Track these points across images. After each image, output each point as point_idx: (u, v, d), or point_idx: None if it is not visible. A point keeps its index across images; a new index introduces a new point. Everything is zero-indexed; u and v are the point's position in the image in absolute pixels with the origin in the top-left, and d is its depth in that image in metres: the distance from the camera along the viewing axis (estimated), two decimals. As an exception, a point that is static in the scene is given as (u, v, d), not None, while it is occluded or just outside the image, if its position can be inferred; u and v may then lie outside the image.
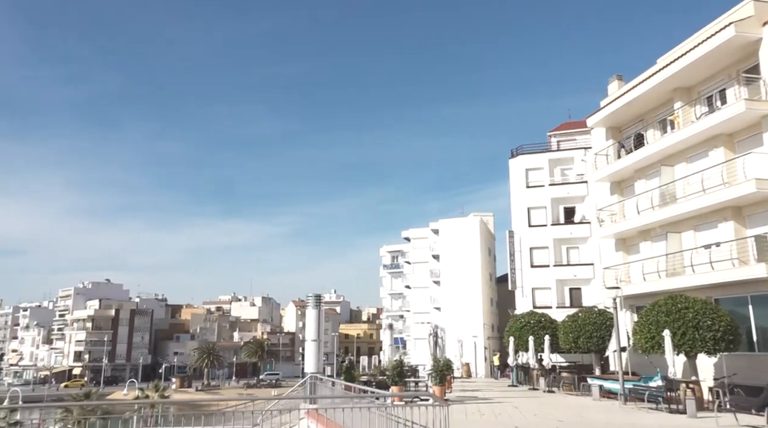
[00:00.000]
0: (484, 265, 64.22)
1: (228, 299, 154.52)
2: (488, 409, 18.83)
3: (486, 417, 16.82)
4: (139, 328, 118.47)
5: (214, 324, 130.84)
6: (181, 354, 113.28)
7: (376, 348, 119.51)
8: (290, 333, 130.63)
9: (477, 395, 24.77)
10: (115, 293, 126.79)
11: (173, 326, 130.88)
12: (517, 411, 18.56)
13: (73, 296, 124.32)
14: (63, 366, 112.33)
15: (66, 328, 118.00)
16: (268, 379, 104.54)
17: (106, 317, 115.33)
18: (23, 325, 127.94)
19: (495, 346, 60.11)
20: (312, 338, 19.73)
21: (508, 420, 16.20)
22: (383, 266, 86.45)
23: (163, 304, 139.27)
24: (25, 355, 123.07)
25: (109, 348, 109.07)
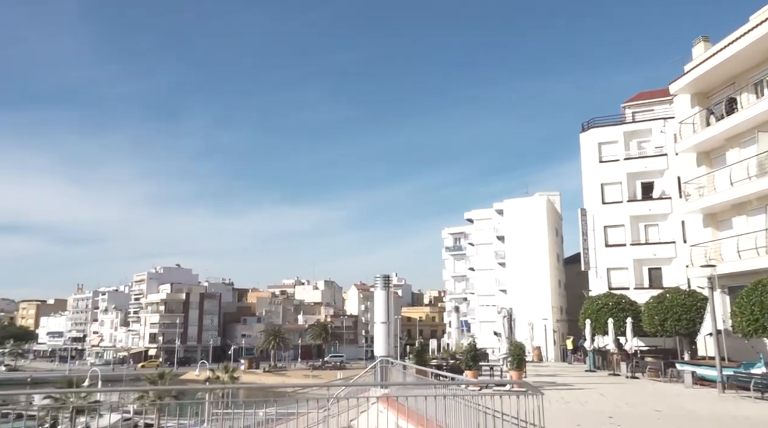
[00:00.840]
0: (551, 246, 61.89)
1: (291, 282, 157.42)
2: (571, 397, 17.52)
3: (572, 406, 15.55)
4: (208, 311, 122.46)
5: (278, 307, 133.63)
6: (249, 336, 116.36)
7: (438, 331, 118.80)
8: (353, 316, 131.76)
9: (555, 381, 23.41)
10: (185, 277, 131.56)
11: (240, 309, 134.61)
12: (604, 399, 17.17)
13: (146, 281, 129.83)
14: (139, 347, 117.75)
15: (141, 311, 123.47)
16: (333, 361, 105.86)
17: (177, 300, 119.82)
18: (102, 308, 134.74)
19: (564, 329, 57.97)
20: (381, 320, 18.95)
21: (598, 410, 14.88)
22: (445, 249, 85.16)
23: (230, 288, 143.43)
24: (105, 337, 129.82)
25: (181, 330, 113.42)
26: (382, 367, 18.03)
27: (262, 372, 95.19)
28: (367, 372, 19.89)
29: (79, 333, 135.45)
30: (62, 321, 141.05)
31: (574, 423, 12.29)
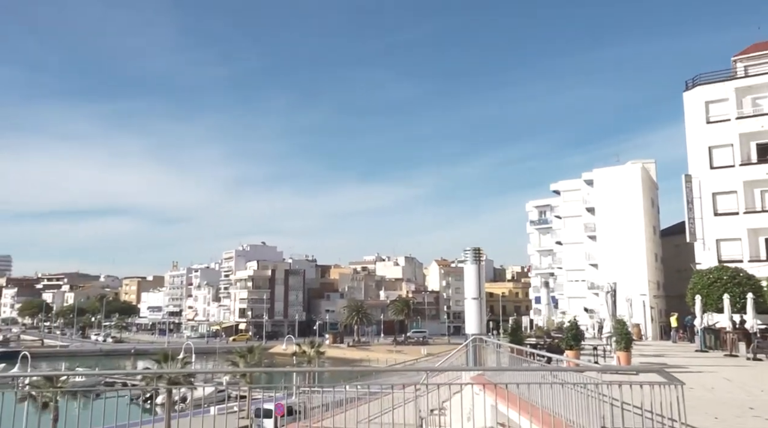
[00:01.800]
0: (647, 217, 57.72)
1: (372, 259, 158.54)
2: (693, 381, 15.49)
3: (698, 392, 13.62)
4: (293, 287, 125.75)
5: (360, 283, 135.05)
6: (332, 312, 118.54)
7: (522, 307, 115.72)
8: (434, 292, 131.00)
9: (664, 362, 21.19)
10: (270, 255, 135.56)
11: (323, 285, 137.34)
12: (732, 385, 15.06)
13: (234, 259, 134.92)
14: (230, 321, 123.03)
15: (230, 287, 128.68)
16: (416, 337, 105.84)
17: (263, 277, 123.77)
18: (195, 285, 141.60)
19: (661, 305, 54.18)
20: (472, 295, 17.62)
21: (731, 398, 12.91)
22: (530, 222, 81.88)
23: (313, 265, 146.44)
24: (199, 311, 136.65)
25: (267, 306, 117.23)
26: (475, 346, 16.76)
27: (346, 347, 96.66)
28: (459, 351, 18.66)
29: (175, 308, 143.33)
30: (160, 296, 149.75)
31: (710, 415, 10.53)
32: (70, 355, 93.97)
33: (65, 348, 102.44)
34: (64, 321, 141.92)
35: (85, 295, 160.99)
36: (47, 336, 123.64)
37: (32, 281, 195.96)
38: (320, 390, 21.88)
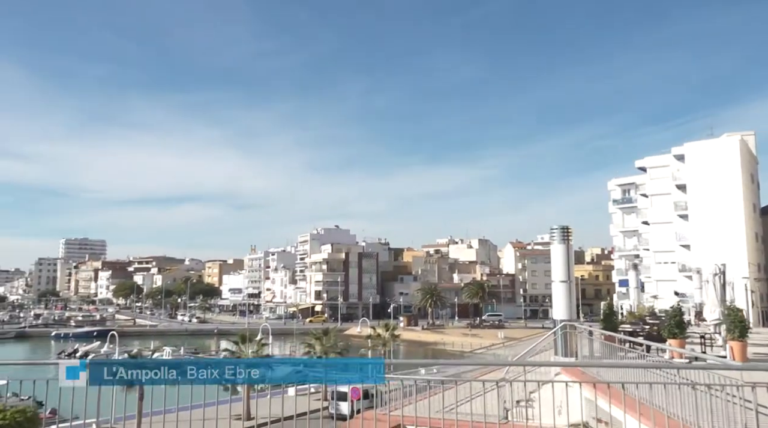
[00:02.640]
0: (746, 193, 53.17)
1: (445, 242, 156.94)
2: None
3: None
4: (366, 270, 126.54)
5: (434, 266, 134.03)
6: (406, 295, 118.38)
7: (603, 291, 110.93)
8: (509, 275, 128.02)
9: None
10: (344, 238, 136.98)
11: (396, 268, 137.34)
12: None
13: (309, 242, 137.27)
14: (307, 303, 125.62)
15: (306, 270, 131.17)
16: (491, 320, 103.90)
17: (338, 260, 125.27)
18: (273, 267, 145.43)
19: (763, 289, 49.82)
20: (561, 278, 16.20)
21: None
22: (612, 202, 77.54)
23: (386, 248, 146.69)
24: (277, 293, 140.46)
25: (342, 288, 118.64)
26: (564, 333, 15.38)
27: (420, 330, 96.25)
28: (547, 339, 17.31)
29: (254, 290, 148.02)
30: (240, 278, 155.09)
31: None
32: (158, 334, 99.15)
33: (154, 328, 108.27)
34: (153, 301, 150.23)
35: (171, 277, 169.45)
36: (138, 315, 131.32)
37: (124, 264, 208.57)
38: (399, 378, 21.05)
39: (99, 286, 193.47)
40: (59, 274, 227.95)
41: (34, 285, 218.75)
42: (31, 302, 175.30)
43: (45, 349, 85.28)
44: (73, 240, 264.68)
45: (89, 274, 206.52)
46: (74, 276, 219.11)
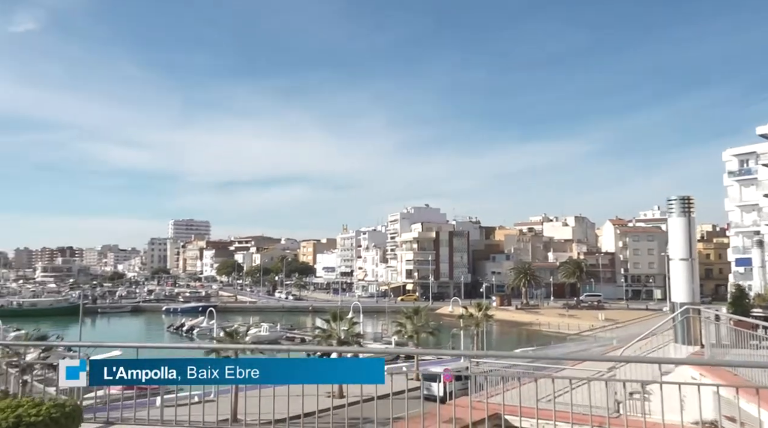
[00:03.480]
0: None
1: (539, 219, 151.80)
2: None
3: None
4: (457, 249, 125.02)
5: (527, 244, 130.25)
6: (498, 274, 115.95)
7: (714, 270, 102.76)
8: (609, 253, 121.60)
9: None
10: (434, 217, 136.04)
11: (488, 246, 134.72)
12: None
13: (399, 221, 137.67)
14: (398, 282, 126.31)
15: (396, 249, 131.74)
16: (589, 300, 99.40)
17: (428, 238, 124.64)
18: (364, 246, 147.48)
19: None
20: (681, 255, 14.29)
21: None
22: (728, 173, 70.66)
23: (477, 226, 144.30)
24: (368, 272, 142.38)
25: (433, 267, 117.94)
26: (685, 318, 13.54)
27: (514, 310, 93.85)
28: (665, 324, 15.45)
29: (347, 268, 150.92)
30: (333, 257, 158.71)
31: None
32: (258, 310, 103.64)
33: (254, 304, 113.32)
34: (252, 279, 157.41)
35: (269, 256, 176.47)
36: (239, 292, 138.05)
37: (226, 243, 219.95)
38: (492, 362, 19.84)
39: (204, 264, 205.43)
40: (169, 253, 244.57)
41: (148, 263, 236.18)
42: (144, 279, 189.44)
43: (157, 323, 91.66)
44: (180, 221, 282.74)
45: (195, 253, 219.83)
46: (182, 255, 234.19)
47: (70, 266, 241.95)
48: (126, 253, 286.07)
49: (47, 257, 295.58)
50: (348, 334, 32.85)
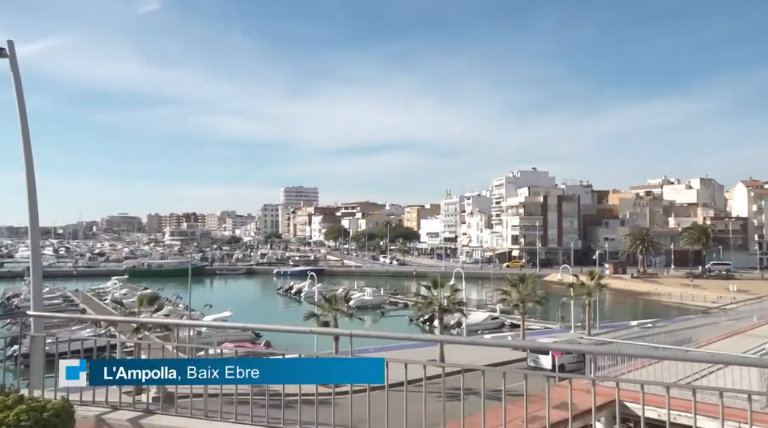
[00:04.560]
0: None
1: (658, 182, 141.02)
2: None
3: None
4: (567, 214, 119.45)
5: (644, 208, 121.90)
6: (612, 240, 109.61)
7: None
8: (741, 219, 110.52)
9: None
10: (541, 180, 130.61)
11: (600, 211, 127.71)
12: None
13: (505, 185, 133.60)
14: (503, 248, 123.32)
15: (502, 214, 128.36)
16: (716, 269, 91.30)
17: (535, 203, 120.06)
18: (468, 212, 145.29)
19: None
20: None
21: None
22: None
23: (588, 190, 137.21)
24: (472, 237, 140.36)
25: (540, 233, 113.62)
26: None
27: (629, 278, 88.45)
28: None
29: (450, 234, 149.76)
30: (437, 223, 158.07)
31: None
32: (363, 274, 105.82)
33: (359, 268, 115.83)
34: (358, 244, 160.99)
35: (374, 222, 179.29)
36: (346, 257, 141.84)
37: (333, 209, 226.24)
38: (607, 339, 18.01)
39: (312, 229, 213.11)
40: (280, 218, 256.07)
41: (261, 228, 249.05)
42: (258, 243, 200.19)
43: (269, 284, 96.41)
44: (290, 188, 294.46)
45: (304, 219, 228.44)
46: (292, 220, 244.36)
47: (193, 230, 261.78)
48: (242, 218, 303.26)
49: (174, 222, 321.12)
50: (450, 301, 31.85)
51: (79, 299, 63.52)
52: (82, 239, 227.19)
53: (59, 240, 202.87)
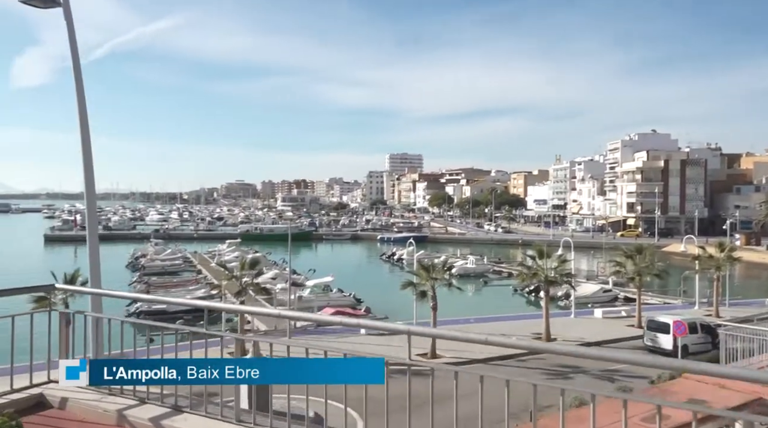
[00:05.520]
0: None
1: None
2: None
3: None
4: (691, 179, 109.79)
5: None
6: (744, 208, 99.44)
7: None
8: None
9: None
10: (662, 143, 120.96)
11: (731, 177, 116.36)
12: None
13: (620, 150, 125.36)
14: (617, 216, 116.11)
15: (617, 180, 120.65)
16: None
17: (654, 168, 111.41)
18: (579, 178, 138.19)
19: None
20: None
21: None
22: None
23: (716, 154, 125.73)
24: (583, 205, 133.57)
25: (660, 200, 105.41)
26: None
27: (765, 250, 79.89)
28: None
29: (559, 201, 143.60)
30: (545, 189, 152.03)
31: None
32: (466, 242, 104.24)
33: (463, 236, 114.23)
34: (462, 211, 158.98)
35: (479, 188, 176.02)
36: (450, 224, 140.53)
37: (437, 175, 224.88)
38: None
39: (416, 196, 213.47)
40: (385, 185, 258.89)
41: (367, 195, 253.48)
42: (363, 209, 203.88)
43: (373, 250, 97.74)
44: (395, 155, 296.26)
45: (408, 185, 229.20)
46: (396, 187, 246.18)
47: (303, 196, 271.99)
48: (349, 185, 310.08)
49: (286, 189, 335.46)
50: (557, 273, 29.81)
51: (196, 261, 67.99)
52: (203, 204, 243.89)
53: (184, 205, 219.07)
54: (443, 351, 25.80)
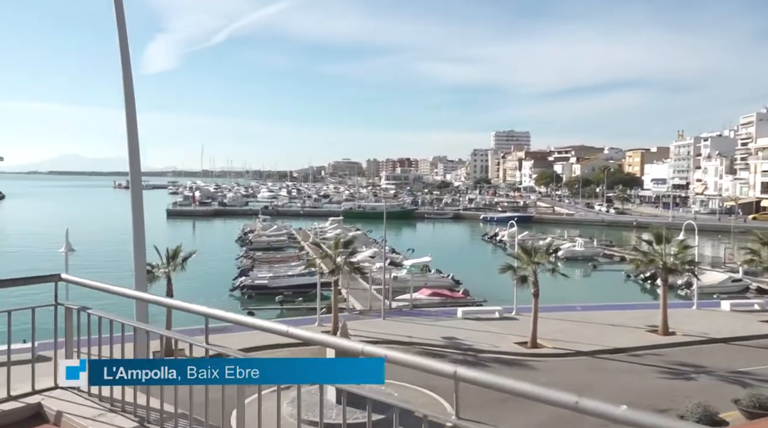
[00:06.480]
0: None
1: None
2: None
3: None
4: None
5: None
6: None
7: None
8: None
9: None
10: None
11: None
12: None
13: (755, 123, 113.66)
14: (749, 197, 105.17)
15: (749, 157, 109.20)
16: None
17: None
18: (705, 155, 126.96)
19: None
20: None
21: None
22: None
23: None
24: (709, 184, 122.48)
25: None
26: None
27: None
28: None
29: (681, 181, 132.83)
30: (664, 168, 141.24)
31: None
32: (575, 223, 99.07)
33: (571, 216, 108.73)
34: (571, 190, 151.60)
35: (590, 166, 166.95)
36: (557, 204, 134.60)
37: (545, 154, 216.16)
38: None
39: (522, 175, 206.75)
40: (490, 164, 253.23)
41: (471, 173, 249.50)
42: (467, 188, 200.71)
43: (475, 230, 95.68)
44: (501, 133, 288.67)
45: (514, 163, 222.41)
46: (502, 166, 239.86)
47: (407, 175, 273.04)
48: (453, 164, 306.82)
49: (390, 167, 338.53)
50: (678, 260, 26.82)
51: (300, 237, 69.97)
52: (311, 182, 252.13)
53: (293, 183, 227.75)
54: (545, 340, 24.21)
